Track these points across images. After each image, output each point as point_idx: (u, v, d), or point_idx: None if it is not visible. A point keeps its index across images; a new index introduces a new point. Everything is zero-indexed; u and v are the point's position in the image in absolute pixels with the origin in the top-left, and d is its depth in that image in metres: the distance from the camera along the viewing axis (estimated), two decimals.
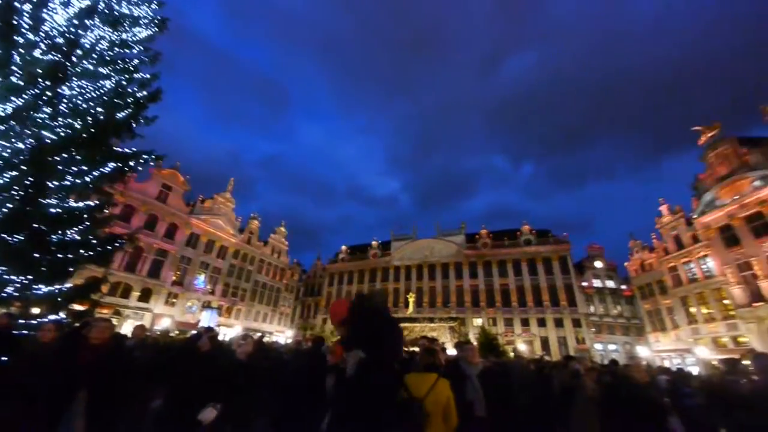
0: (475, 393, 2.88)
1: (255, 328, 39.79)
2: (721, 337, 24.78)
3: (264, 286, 44.59)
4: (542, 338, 35.45)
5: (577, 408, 4.87)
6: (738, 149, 23.23)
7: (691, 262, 27.92)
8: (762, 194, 21.14)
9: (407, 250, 46.70)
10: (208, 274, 36.07)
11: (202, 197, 37.79)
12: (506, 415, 6.89)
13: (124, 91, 8.53)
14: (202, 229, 35.75)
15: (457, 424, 2.16)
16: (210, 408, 3.10)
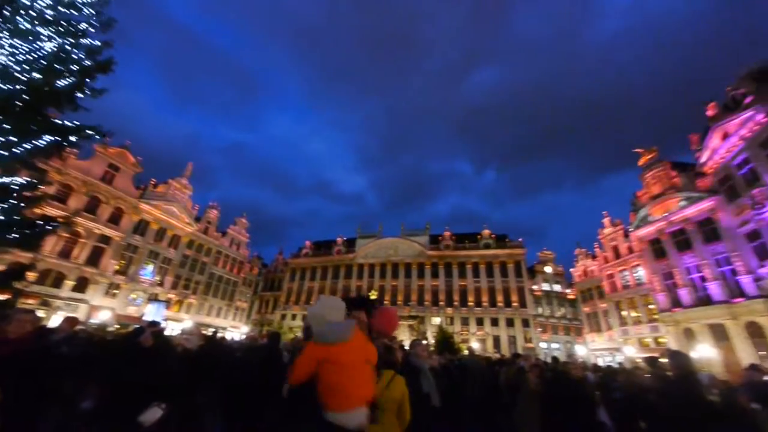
0: (430, 386, 3.00)
1: (207, 323, 37.68)
2: (646, 338, 27.87)
3: (220, 279, 42.37)
4: (494, 337, 37.45)
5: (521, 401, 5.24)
6: (669, 172, 26.20)
7: (626, 270, 31.03)
8: (686, 213, 24.05)
9: (372, 248, 46.87)
10: (157, 264, 33.51)
11: (154, 181, 34.97)
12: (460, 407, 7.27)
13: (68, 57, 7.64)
14: (152, 215, 33.10)
15: (410, 419, 2.23)
16: (154, 408, 2.90)
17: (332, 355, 1.86)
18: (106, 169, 29.03)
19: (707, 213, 22.92)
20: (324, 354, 1.87)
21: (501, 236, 44.44)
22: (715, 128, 21.57)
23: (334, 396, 1.80)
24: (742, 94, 19.95)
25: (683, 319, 23.24)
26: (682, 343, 22.47)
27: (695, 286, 23.15)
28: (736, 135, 20.09)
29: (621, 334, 30.35)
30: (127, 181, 30.71)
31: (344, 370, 1.84)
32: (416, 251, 44.77)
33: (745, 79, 20.17)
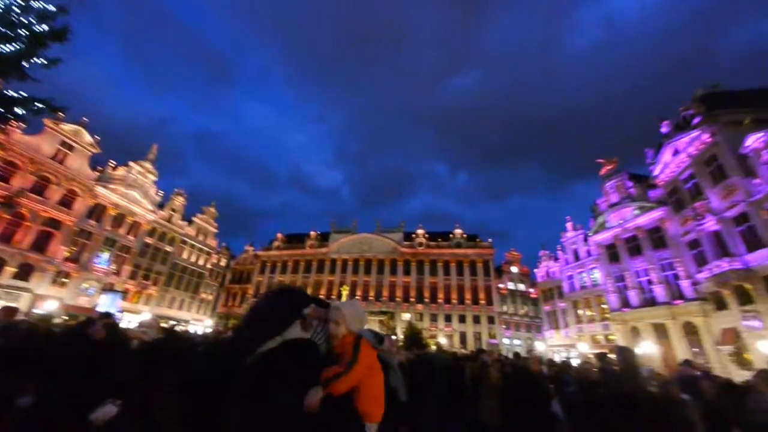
0: (397, 380, 3.06)
1: (169, 315, 35.84)
2: (598, 335, 29.99)
3: (184, 270, 40.38)
4: (461, 333, 38.70)
5: (483, 394, 5.48)
6: (626, 182, 28.20)
7: (584, 272, 33.12)
8: (638, 221, 26.04)
9: (346, 244, 46.63)
10: (113, 252, 31.31)
11: (114, 163, 32.53)
12: (427, 400, 7.48)
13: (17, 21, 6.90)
14: (110, 200, 30.83)
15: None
16: (109, 405, 2.72)
17: (375, 362, 1.77)
18: (58, 148, 26.60)
19: (656, 222, 24.95)
20: (373, 360, 1.76)
21: (472, 236, 45.79)
22: (667, 145, 23.45)
23: (376, 405, 1.72)
24: (692, 115, 21.82)
25: (631, 319, 25.24)
26: (628, 340, 24.41)
27: (642, 289, 25.20)
28: (685, 152, 21.98)
29: (576, 332, 32.43)
30: (83, 162, 28.35)
31: (380, 378, 1.80)
32: (390, 248, 45.09)
33: (695, 102, 22.07)
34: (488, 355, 6.62)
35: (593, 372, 6.15)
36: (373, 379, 1.74)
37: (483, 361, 6.09)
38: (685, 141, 21.89)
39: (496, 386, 5.44)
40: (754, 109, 19.58)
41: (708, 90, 22.96)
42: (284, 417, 1.39)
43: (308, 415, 1.40)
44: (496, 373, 5.75)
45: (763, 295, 17.35)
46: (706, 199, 20.66)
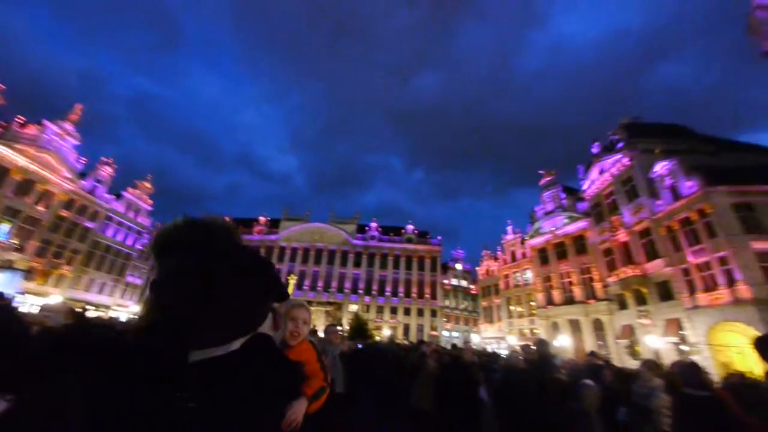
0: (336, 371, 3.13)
1: (85, 300, 31.73)
2: (525, 329, 33.29)
3: (108, 250, 35.94)
4: (405, 325, 40.18)
5: (420, 381, 5.84)
6: (560, 194, 31.44)
7: (518, 272, 36.37)
8: (566, 230, 29.28)
9: (297, 232, 45.34)
10: (16, 224, 26.70)
11: (22, 120, 27.54)
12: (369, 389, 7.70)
13: None
14: (13, 162, 26.14)
15: None
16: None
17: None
18: None
19: (580, 232, 28.26)
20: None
21: (423, 233, 47.46)
22: (596, 164, 26.58)
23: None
24: (617, 140, 24.97)
25: (553, 315, 28.43)
26: (549, 333, 27.50)
27: (564, 289, 28.48)
28: (608, 171, 25.12)
29: (507, 325, 35.62)
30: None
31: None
32: (342, 239, 44.88)
33: (620, 128, 25.26)
34: (427, 346, 7.03)
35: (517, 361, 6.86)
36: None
37: (422, 352, 6.45)
38: (609, 162, 25.00)
39: (433, 374, 5.81)
40: (664, 141, 23.05)
41: (630, 120, 26.41)
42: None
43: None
44: (434, 362, 6.16)
45: (654, 298, 20.71)
46: (620, 215, 23.89)
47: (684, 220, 19.23)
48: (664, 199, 20.39)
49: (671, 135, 24.80)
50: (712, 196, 17.74)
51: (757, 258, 16.25)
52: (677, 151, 21.36)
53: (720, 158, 21.26)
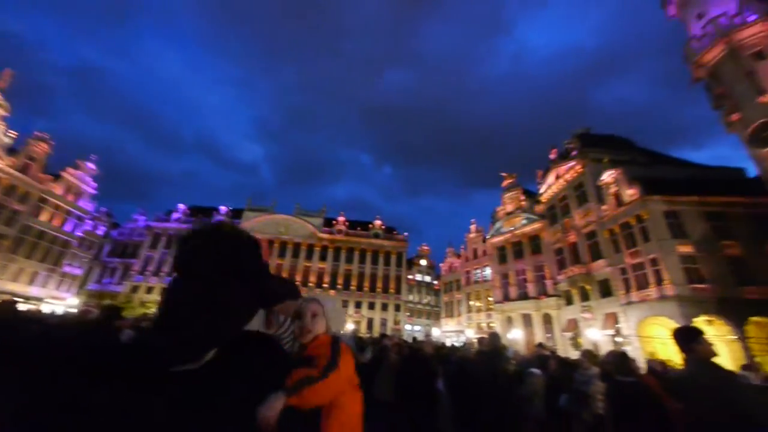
0: None
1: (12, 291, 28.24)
2: (483, 323, 35.03)
3: (41, 236, 32.20)
4: (369, 319, 40.53)
5: (381, 373, 5.98)
6: (520, 196, 33.29)
7: (479, 269, 38.09)
8: (524, 230, 31.13)
9: (261, 223, 43.73)
10: None
11: None
12: None
13: None
14: None
15: None
16: None
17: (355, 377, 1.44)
18: None
19: (537, 231, 30.18)
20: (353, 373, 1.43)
21: (390, 228, 47.94)
22: (552, 169, 28.43)
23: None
24: (572, 148, 26.88)
25: (508, 309, 30.20)
26: (504, 327, 29.21)
27: (519, 285, 30.33)
28: (563, 177, 27.01)
29: (466, 320, 37.26)
30: None
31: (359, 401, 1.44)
32: (308, 232, 44.04)
33: (574, 138, 27.21)
34: (389, 339, 7.18)
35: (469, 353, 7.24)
36: (351, 400, 1.36)
37: (384, 345, 6.58)
38: (564, 168, 26.87)
39: (394, 366, 5.97)
40: (611, 152, 25.19)
41: (583, 130, 28.54)
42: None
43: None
44: (395, 355, 6.33)
45: (596, 294, 22.73)
46: (571, 217, 25.84)
47: (624, 225, 21.27)
48: (609, 204, 22.39)
49: (616, 146, 27.21)
50: (648, 203, 19.79)
51: (680, 260, 18.45)
52: (621, 161, 23.51)
53: (654, 170, 23.71)
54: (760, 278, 17.27)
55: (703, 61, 17.01)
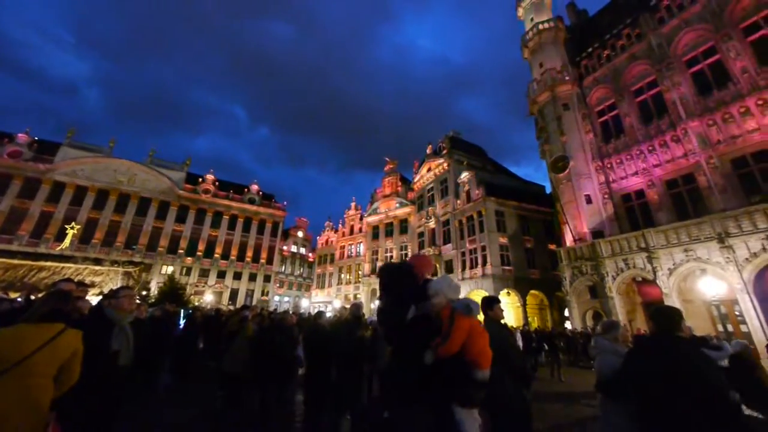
0: (122, 342, 2.73)
1: None
2: (351, 294, 37.66)
3: None
4: (233, 290, 37.50)
5: (236, 345, 5.76)
6: (398, 182, 36.55)
7: (353, 245, 40.33)
8: (396, 213, 34.59)
9: (89, 166, 33.44)
10: None
11: None
12: (161, 357, 6.91)
13: None
14: None
15: (75, 380, 1.94)
16: None
17: (474, 326, 2.18)
18: None
19: (406, 216, 33.99)
20: (471, 324, 2.16)
21: (268, 195, 44.78)
22: (426, 162, 32.23)
23: (481, 357, 2.13)
24: (443, 147, 31.05)
25: (374, 283, 33.37)
26: (369, 298, 32.24)
27: (386, 261, 33.84)
28: (433, 171, 31.04)
29: (335, 291, 39.24)
30: None
31: (484, 338, 2.21)
32: (164, 187, 36.45)
33: (446, 138, 31.45)
34: (251, 310, 6.95)
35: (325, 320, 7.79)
36: (474, 340, 2.14)
37: (243, 316, 6.35)
38: (435, 163, 30.87)
39: (251, 338, 5.85)
40: (471, 157, 30.36)
41: (454, 134, 33.32)
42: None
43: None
44: (255, 326, 6.19)
45: (442, 272, 27.61)
46: (434, 207, 30.18)
47: (469, 217, 26.39)
48: (461, 200, 27.24)
49: (475, 153, 33.06)
50: (487, 203, 25.07)
51: (499, 248, 24.41)
52: (475, 166, 28.78)
53: (495, 177, 30.14)
54: (540, 264, 24.84)
55: (537, 100, 22.33)
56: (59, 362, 1.84)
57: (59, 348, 1.83)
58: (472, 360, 2.11)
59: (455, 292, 2.35)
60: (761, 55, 13.67)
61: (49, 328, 1.86)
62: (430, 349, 2.07)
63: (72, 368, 1.91)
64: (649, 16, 17.51)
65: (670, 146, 15.86)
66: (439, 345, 2.07)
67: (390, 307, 2.41)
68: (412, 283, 2.41)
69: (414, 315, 2.25)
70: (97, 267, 29.63)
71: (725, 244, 12.19)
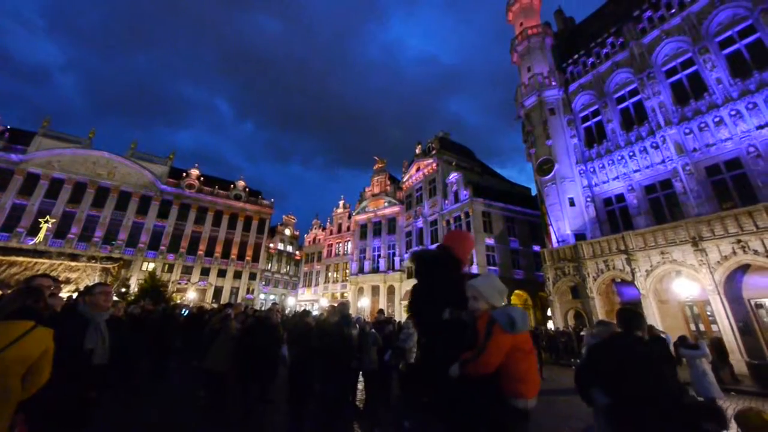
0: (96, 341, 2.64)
1: None
2: (337, 293, 37.49)
3: None
4: (217, 288, 36.77)
5: (218, 343, 5.65)
6: (386, 181, 36.56)
7: (341, 243, 40.15)
8: (385, 212, 34.60)
9: (66, 158, 32.15)
10: None
11: None
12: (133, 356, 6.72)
13: None
14: None
15: (45, 380, 1.86)
16: None
17: (516, 345, 1.80)
18: None
19: (394, 214, 34.05)
20: (513, 342, 1.79)
21: (255, 191, 44.08)
22: (415, 162, 32.35)
23: (520, 385, 1.79)
24: (433, 147, 31.24)
25: (361, 281, 33.33)
26: (355, 296, 32.16)
27: (374, 260, 33.82)
28: (422, 171, 31.20)
29: (322, 289, 38.99)
30: None
31: (527, 360, 1.84)
32: (146, 181, 35.38)
33: (435, 139, 31.66)
34: (234, 308, 6.83)
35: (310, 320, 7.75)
36: (516, 362, 1.79)
37: (226, 314, 6.24)
38: (425, 163, 31.04)
39: (234, 336, 5.75)
40: (459, 158, 30.64)
41: (444, 135, 33.57)
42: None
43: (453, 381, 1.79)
44: (238, 324, 6.08)
45: None
46: (422, 206, 30.34)
47: (456, 218, 26.65)
48: (450, 200, 27.48)
49: (463, 154, 33.40)
50: (474, 204, 25.38)
51: (486, 248, 24.75)
52: (464, 167, 29.08)
53: (483, 178, 30.54)
54: (524, 265, 25.31)
55: (525, 104, 22.74)
56: (28, 362, 1.76)
57: (28, 347, 1.75)
58: (511, 385, 1.76)
59: (499, 298, 1.93)
60: (735, 67, 14.32)
61: (18, 325, 1.77)
62: (459, 362, 1.77)
63: (42, 368, 1.83)
64: (632, 26, 18.06)
65: (649, 153, 16.42)
66: (469, 361, 1.75)
67: (422, 302, 2.12)
68: (448, 276, 2.07)
69: (448, 317, 1.94)
70: (73, 263, 28.51)
71: (699, 247, 12.72)
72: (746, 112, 13.42)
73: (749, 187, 13.07)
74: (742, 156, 13.45)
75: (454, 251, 2.19)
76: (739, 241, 11.78)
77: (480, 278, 2.00)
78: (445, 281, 2.07)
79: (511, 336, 1.77)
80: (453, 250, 2.20)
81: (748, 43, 14.13)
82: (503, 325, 1.76)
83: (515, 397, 1.76)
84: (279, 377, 7.16)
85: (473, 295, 1.93)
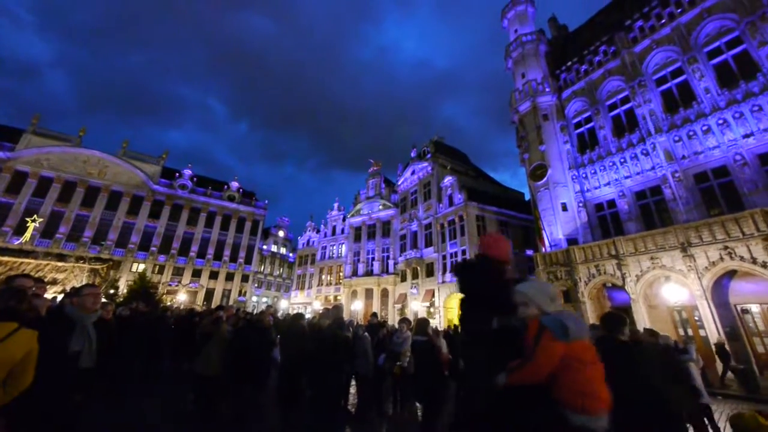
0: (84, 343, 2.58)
1: None
2: (331, 296, 37.27)
3: None
4: (209, 290, 36.30)
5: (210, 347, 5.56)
6: (382, 184, 36.60)
7: (335, 245, 39.98)
8: (380, 215, 34.59)
9: (55, 156, 31.59)
10: None
11: None
12: (124, 361, 6.57)
13: None
14: None
15: (28, 384, 1.81)
16: None
17: (575, 352, 1.68)
18: None
19: (389, 217, 34.06)
20: (566, 350, 1.66)
21: (249, 193, 43.77)
22: (410, 165, 32.46)
23: (584, 398, 1.62)
24: (427, 151, 31.38)
25: (355, 284, 33.19)
26: (349, 299, 31.99)
27: (368, 263, 33.73)
28: (417, 174, 31.31)
29: (315, 292, 38.72)
30: None
31: (588, 371, 1.68)
32: (138, 181, 34.90)
33: (430, 143, 31.82)
34: (226, 311, 6.75)
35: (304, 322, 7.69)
36: (572, 372, 1.64)
37: (217, 317, 6.16)
38: (420, 167, 31.15)
39: (225, 339, 5.67)
40: (454, 162, 30.84)
41: (439, 138, 33.78)
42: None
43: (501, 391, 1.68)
44: (230, 327, 6.00)
45: (423, 274, 27.83)
46: (417, 210, 30.41)
47: (450, 221, 26.76)
48: (444, 204, 27.60)
49: (458, 158, 33.62)
50: (468, 207, 25.52)
51: None
52: (458, 171, 29.26)
53: (477, 182, 30.76)
54: (517, 269, 25.47)
55: (519, 110, 23.02)
56: (10, 364, 1.71)
57: (10, 349, 1.71)
58: (569, 398, 1.61)
59: (551, 302, 1.83)
60: (722, 77, 14.69)
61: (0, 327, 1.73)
62: (506, 371, 1.68)
63: (24, 371, 1.78)
64: (624, 35, 18.45)
65: (639, 159, 16.71)
66: (515, 369, 1.65)
67: (468, 314, 2.04)
68: (489, 284, 1.98)
69: (498, 326, 1.85)
70: (61, 263, 27.86)
71: (687, 253, 12.95)
72: (733, 121, 13.76)
73: (736, 194, 13.36)
74: (729, 164, 13.77)
75: (491, 257, 2.12)
76: (726, 247, 12.02)
77: (527, 283, 1.94)
78: (489, 290, 1.97)
79: (564, 344, 1.65)
80: (490, 256, 2.13)
81: (735, 54, 14.52)
82: (554, 331, 1.66)
83: (576, 412, 1.59)
84: (271, 380, 7.07)
85: (523, 301, 1.85)
